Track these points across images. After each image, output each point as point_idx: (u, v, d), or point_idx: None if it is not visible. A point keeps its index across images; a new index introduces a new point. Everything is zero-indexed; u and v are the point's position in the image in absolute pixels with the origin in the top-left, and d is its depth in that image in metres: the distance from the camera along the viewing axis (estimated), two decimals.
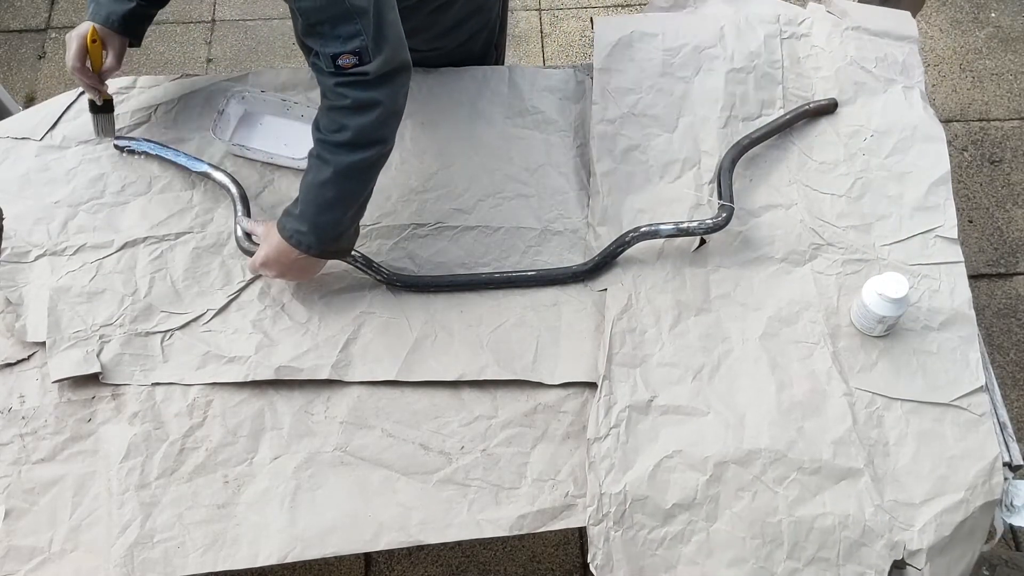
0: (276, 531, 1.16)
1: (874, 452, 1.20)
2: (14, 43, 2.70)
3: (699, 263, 1.35)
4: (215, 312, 1.31)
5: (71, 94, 1.51)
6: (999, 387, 1.30)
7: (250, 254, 1.29)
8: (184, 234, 1.38)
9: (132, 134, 1.46)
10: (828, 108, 1.46)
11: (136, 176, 1.43)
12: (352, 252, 1.30)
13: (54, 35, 2.71)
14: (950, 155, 1.43)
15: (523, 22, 2.73)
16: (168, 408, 1.24)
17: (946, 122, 2.48)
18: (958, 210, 1.40)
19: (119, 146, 1.44)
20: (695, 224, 1.32)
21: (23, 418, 1.24)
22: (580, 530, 1.94)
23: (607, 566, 1.13)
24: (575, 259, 1.38)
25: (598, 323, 1.31)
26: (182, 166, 1.42)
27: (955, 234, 1.35)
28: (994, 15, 2.71)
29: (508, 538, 1.75)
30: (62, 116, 1.48)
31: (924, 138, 1.43)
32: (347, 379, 1.26)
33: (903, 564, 1.13)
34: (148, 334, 1.29)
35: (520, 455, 1.22)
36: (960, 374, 1.25)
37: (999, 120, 2.52)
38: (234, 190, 1.38)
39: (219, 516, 1.17)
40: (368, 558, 1.91)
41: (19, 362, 1.28)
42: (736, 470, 1.18)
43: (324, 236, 1.21)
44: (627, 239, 1.33)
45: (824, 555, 1.13)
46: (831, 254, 1.35)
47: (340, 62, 1.12)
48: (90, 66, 1.34)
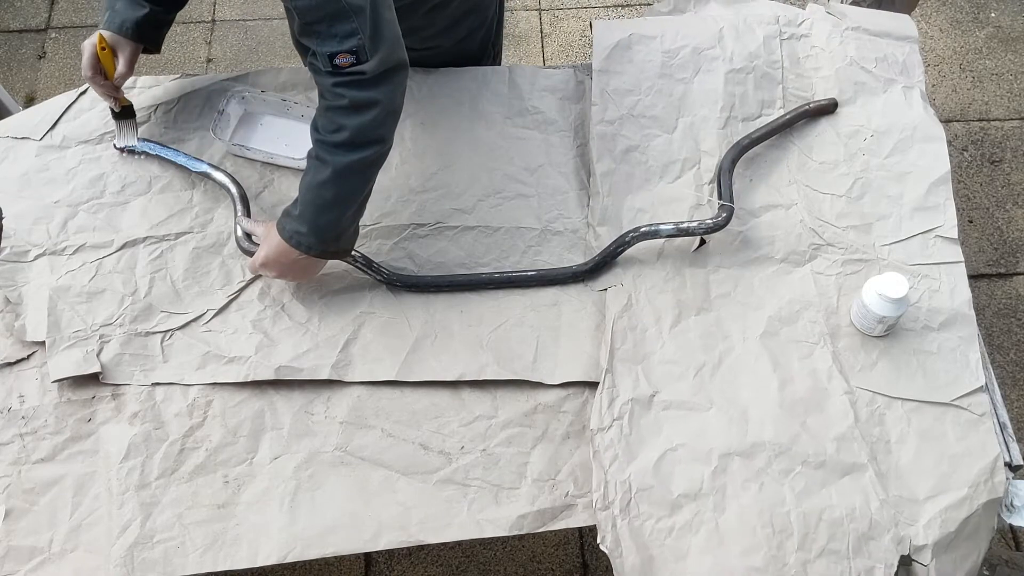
0: (276, 531, 1.16)
1: (876, 448, 1.20)
2: (14, 43, 2.70)
3: (699, 263, 1.35)
4: (215, 312, 1.31)
5: (71, 94, 1.51)
6: (999, 387, 1.30)
7: (250, 254, 1.29)
8: (184, 234, 1.38)
9: None
10: (828, 108, 1.46)
11: (136, 176, 1.43)
12: (352, 252, 1.29)
13: (54, 35, 2.71)
14: (950, 155, 1.43)
15: (523, 22, 2.73)
16: (168, 408, 1.24)
17: (946, 122, 2.48)
18: (958, 210, 1.40)
19: (119, 146, 1.44)
20: (695, 224, 1.32)
21: (23, 418, 1.24)
22: (580, 530, 1.95)
23: (617, 550, 1.13)
24: (575, 259, 1.38)
25: (598, 323, 1.31)
26: (182, 166, 1.42)
27: (955, 234, 1.35)
28: (994, 15, 2.71)
29: (508, 538, 1.76)
30: (62, 116, 1.48)
31: (924, 138, 1.43)
32: (347, 379, 1.26)
33: (909, 560, 1.13)
34: (148, 334, 1.29)
35: (520, 455, 1.22)
36: (960, 374, 1.25)
37: (999, 120, 2.52)
38: (234, 190, 1.38)
39: (219, 516, 1.17)
40: (368, 558, 1.91)
41: (19, 361, 1.28)
42: (741, 462, 1.18)
43: (324, 236, 1.21)
44: (627, 239, 1.33)
45: (834, 547, 1.13)
46: (831, 254, 1.35)
47: (337, 61, 1.11)
48: (104, 74, 1.34)
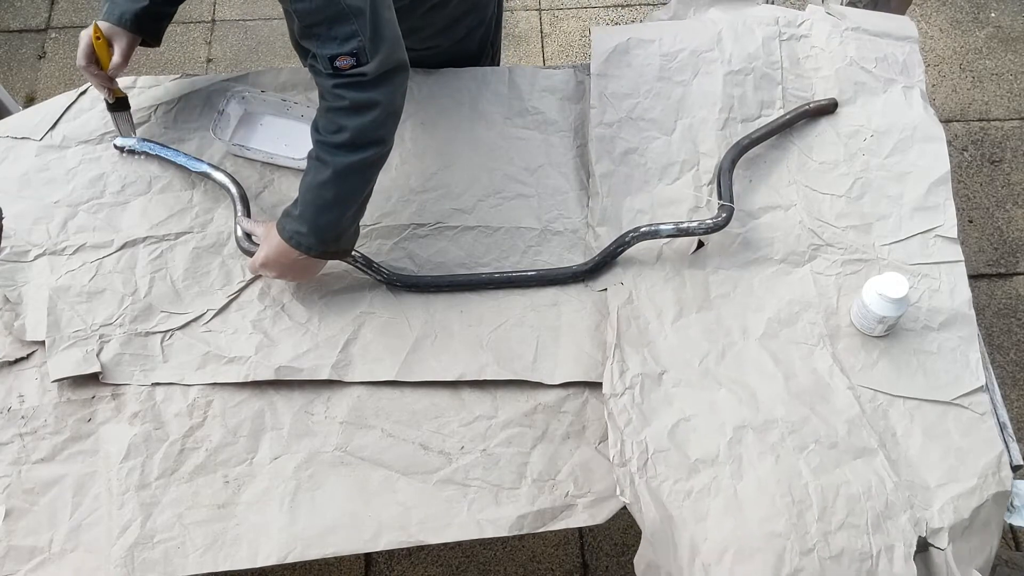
0: (276, 531, 1.16)
1: (884, 438, 1.19)
2: (14, 43, 2.70)
3: (698, 265, 1.35)
4: (215, 312, 1.31)
5: (71, 94, 1.51)
6: (999, 387, 1.30)
7: (250, 254, 1.29)
8: (184, 234, 1.38)
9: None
10: (828, 108, 1.46)
11: (136, 176, 1.43)
12: (352, 252, 1.29)
13: (54, 35, 2.71)
14: (950, 155, 1.42)
15: (523, 22, 2.73)
16: (168, 408, 1.24)
17: (946, 122, 2.48)
18: (958, 210, 1.40)
19: (119, 146, 1.44)
20: (695, 224, 1.32)
21: (23, 418, 1.24)
22: (580, 530, 1.95)
23: (636, 504, 1.12)
24: (575, 259, 1.38)
25: (598, 323, 1.31)
26: (182, 166, 1.42)
27: (955, 234, 1.35)
28: (994, 15, 2.71)
29: (508, 538, 1.76)
30: (62, 116, 1.48)
31: (924, 138, 1.43)
32: (347, 379, 1.26)
33: (926, 545, 1.11)
34: (148, 334, 1.29)
35: (520, 455, 1.22)
36: (960, 374, 1.25)
37: (999, 120, 2.52)
38: (234, 190, 1.38)
39: (219, 516, 1.17)
40: (368, 558, 1.91)
41: (18, 361, 1.28)
42: (755, 436, 1.17)
43: (324, 237, 1.21)
44: (627, 239, 1.33)
45: (853, 522, 1.11)
46: (831, 254, 1.35)
47: (338, 63, 1.11)
48: (99, 64, 1.34)
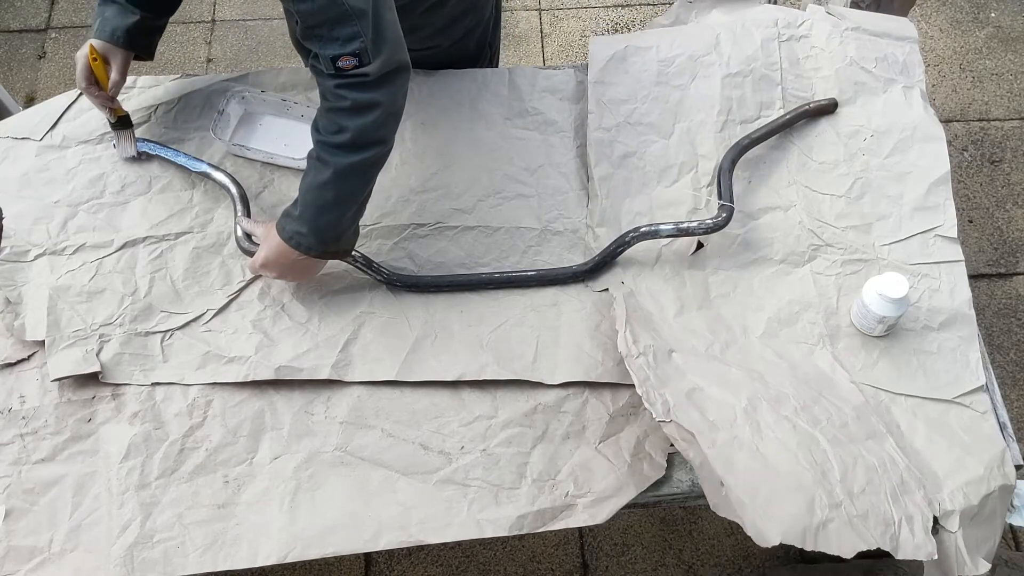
0: (276, 531, 1.16)
1: (891, 428, 1.19)
2: (14, 43, 2.70)
3: (698, 266, 1.35)
4: (215, 312, 1.31)
5: (71, 94, 1.51)
6: (999, 387, 1.30)
7: (250, 254, 1.29)
8: (184, 234, 1.38)
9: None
10: (828, 108, 1.46)
11: (136, 176, 1.43)
12: (352, 252, 1.30)
13: (54, 35, 2.71)
14: (950, 155, 1.43)
15: (523, 22, 2.73)
16: (168, 408, 1.24)
17: (946, 122, 2.48)
18: (958, 210, 1.40)
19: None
20: (695, 224, 1.32)
21: (23, 418, 1.24)
22: (580, 530, 1.95)
23: (667, 415, 1.11)
24: (575, 259, 1.38)
25: (598, 323, 1.31)
26: (182, 166, 1.42)
27: (955, 233, 1.35)
28: (994, 15, 2.71)
29: (508, 538, 1.76)
30: (62, 116, 1.48)
31: (924, 138, 1.43)
32: (347, 379, 1.26)
33: (937, 528, 1.10)
34: (148, 334, 1.29)
35: (520, 455, 1.22)
36: (960, 374, 1.25)
37: (999, 120, 2.52)
38: (234, 190, 1.38)
39: (219, 516, 1.17)
40: (368, 558, 1.91)
41: (19, 362, 1.28)
42: (769, 407, 1.16)
43: (324, 237, 1.21)
44: (627, 239, 1.33)
45: (873, 489, 1.09)
46: (830, 255, 1.35)
47: (340, 64, 1.11)
48: (98, 84, 1.34)
